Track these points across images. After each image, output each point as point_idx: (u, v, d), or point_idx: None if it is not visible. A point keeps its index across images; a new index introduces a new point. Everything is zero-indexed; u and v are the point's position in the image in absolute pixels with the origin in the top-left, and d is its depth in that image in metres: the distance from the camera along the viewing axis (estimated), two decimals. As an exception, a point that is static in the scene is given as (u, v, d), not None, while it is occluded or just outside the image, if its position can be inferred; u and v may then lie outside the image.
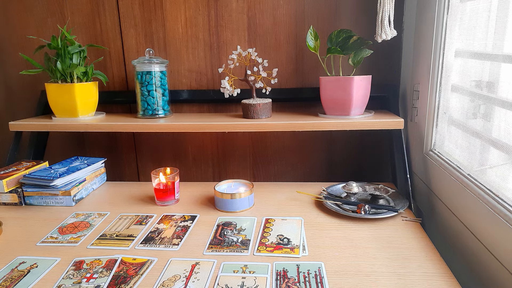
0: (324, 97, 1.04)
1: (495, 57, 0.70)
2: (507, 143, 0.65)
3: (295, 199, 1.01)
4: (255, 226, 0.86)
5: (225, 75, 1.19)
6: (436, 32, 0.89)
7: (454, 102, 0.88)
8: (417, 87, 1.02)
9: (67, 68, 1.08)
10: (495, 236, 0.64)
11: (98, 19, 1.22)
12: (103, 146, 1.34)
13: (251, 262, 0.71)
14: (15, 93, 1.34)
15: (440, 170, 0.87)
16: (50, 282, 0.66)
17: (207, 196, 1.05)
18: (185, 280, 0.66)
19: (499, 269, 0.62)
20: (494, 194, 0.66)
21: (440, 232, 0.88)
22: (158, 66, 1.10)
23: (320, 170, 1.28)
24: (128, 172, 1.37)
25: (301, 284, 0.64)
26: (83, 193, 1.06)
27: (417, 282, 0.64)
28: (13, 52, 1.28)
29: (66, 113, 1.13)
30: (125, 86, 1.27)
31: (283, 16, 1.16)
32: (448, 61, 0.88)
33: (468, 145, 0.80)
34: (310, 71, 1.19)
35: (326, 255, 0.73)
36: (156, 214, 0.94)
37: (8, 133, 1.20)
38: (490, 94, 0.72)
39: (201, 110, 1.28)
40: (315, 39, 1.02)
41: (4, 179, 0.98)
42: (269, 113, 1.08)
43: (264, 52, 1.19)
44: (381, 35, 0.96)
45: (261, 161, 1.30)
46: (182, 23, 1.19)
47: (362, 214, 0.87)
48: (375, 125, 0.99)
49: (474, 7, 0.80)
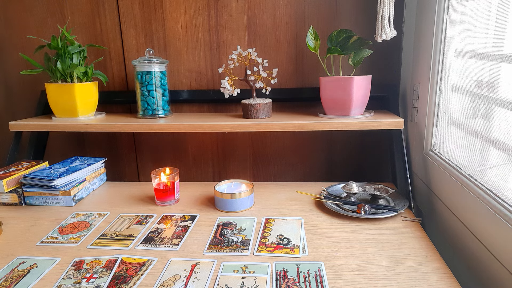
0: (324, 97, 1.05)
1: (495, 57, 0.70)
2: (507, 143, 0.65)
3: (295, 199, 1.01)
4: (255, 226, 0.86)
5: (225, 75, 1.19)
6: (436, 32, 0.89)
7: (454, 102, 0.88)
8: (417, 87, 1.02)
9: (67, 68, 1.08)
10: (495, 236, 0.64)
11: (98, 19, 1.22)
12: (103, 146, 1.34)
13: (251, 262, 0.71)
14: (15, 93, 1.34)
15: (440, 170, 0.87)
16: (50, 282, 0.66)
17: (207, 196, 1.05)
18: (185, 280, 0.66)
19: (499, 269, 0.62)
20: (494, 194, 0.66)
21: (440, 232, 0.88)
22: (158, 66, 1.10)
23: (320, 170, 1.28)
24: (128, 172, 1.37)
25: (301, 284, 0.64)
26: (83, 193, 1.06)
27: (417, 282, 0.64)
28: (13, 52, 1.28)
29: (66, 113, 1.13)
30: (125, 86, 1.27)
31: (283, 16, 1.16)
32: (448, 61, 0.88)
33: (468, 145, 0.80)
34: (310, 71, 1.19)
35: (326, 255, 0.73)
36: (156, 214, 0.94)
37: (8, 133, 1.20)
38: (490, 94, 0.72)
39: (201, 110, 1.28)
40: (315, 39, 1.02)
41: (4, 179, 0.98)
42: (269, 113, 1.08)
43: (264, 52, 1.19)
44: (381, 35, 0.96)
45: (261, 161, 1.30)
46: (182, 23, 1.20)
47: (362, 214, 0.87)
48: (375, 125, 0.99)
49: (474, 7, 0.80)
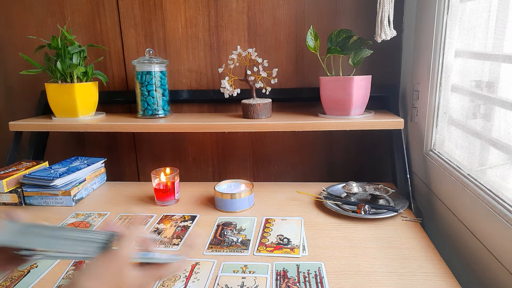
0: (324, 97, 1.05)
1: (495, 57, 0.70)
2: (507, 143, 0.65)
3: (295, 199, 1.01)
4: (255, 226, 0.86)
5: (225, 75, 1.19)
6: (436, 32, 0.89)
7: (454, 102, 0.88)
8: (417, 87, 1.02)
9: (67, 68, 1.08)
10: (495, 236, 0.64)
11: (98, 19, 1.22)
12: (103, 146, 1.34)
13: (251, 262, 0.71)
14: (15, 93, 1.34)
15: (440, 170, 0.87)
16: (50, 282, 0.66)
17: (207, 196, 1.05)
18: (185, 280, 0.66)
19: (499, 269, 0.62)
20: (494, 194, 0.66)
21: (440, 232, 0.88)
22: (158, 66, 1.10)
23: (320, 170, 1.28)
24: (128, 172, 1.37)
25: (301, 284, 0.64)
26: (83, 193, 1.06)
27: (417, 282, 0.64)
28: (13, 52, 1.28)
29: (66, 113, 1.13)
30: (125, 86, 1.27)
31: (283, 16, 1.16)
32: (448, 61, 0.88)
33: (468, 145, 0.80)
34: (310, 71, 1.19)
35: (326, 255, 0.73)
36: (156, 214, 0.94)
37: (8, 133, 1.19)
38: (490, 94, 0.72)
39: (201, 110, 1.28)
40: (315, 39, 1.02)
41: (4, 179, 0.98)
42: (269, 113, 1.08)
43: (264, 52, 1.19)
44: (381, 35, 0.96)
45: (261, 161, 1.30)
46: (182, 23, 1.19)
47: (362, 214, 0.87)
48: (375, 125, 0.99)
49: (474, 7, 0.80)
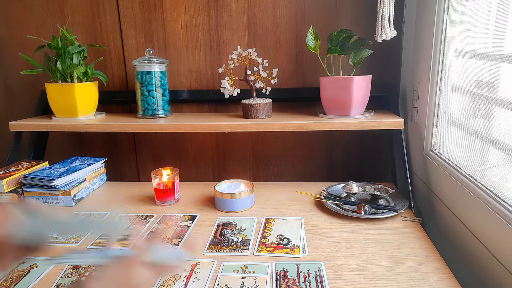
0: (324, 97, 1.05)
1: (495, 57, 0.70)
2: (507, 143, 0.65)
3: (295, 199, 1.01)
4: (255, 226, 0.86)
5: (225, 75, 1.19)
6: (436, 32, 0.89)
7: (454, 102, 0.88)
8: (417, 87, 1.02)
9: (67, 68, 1.08)
10: (495, 236, 0.64)
11: (98, 19, 1.22)
12: (103, 146, 1.34)
13: (251, 262, 0.71)
14: (15, 93, 1.34)
15: (440, 170, 0.87)
16: (50, 282, 0.66)
17: (207, 196, 1.05)
18: (185, 280, 0.66)
19: (499, 269, 0.62)
20: (494, 194, 0.66)
21: (440, 232, 0.88)
22: (158, 66, 1.10)
23: (320, 170, 1.28)
24: (128, 172, 1.36)
25: (301, 284, 0.64)
26: (83, 193, 1.06)
27: (417, 282, 0.64)
28: (13, 52, 1.28)
29: (66, 113, 1.13)
30: (125, 86, 1.27)
31: (283, 16, 1.16)
32: (448, 61, 0.88)
33: (468, 145, 0.80)
34: (310, 71, 1.19)
35: (326, 255, 0.73)
36: (156, 214, 0.94)
37: (8, 133, 1.19)
38: (490, 94, 0.72)
39: (201, 110, 1.28)
40: (315, 39, 1.02)
41: (4, 179, 0.98)
42: (269, 113, 1.08)
43: (264, 52, 1.19)
44: (381, 35, 0.96)
45: (261, 161, 1.30)
46: (182, 23, 1.19)
47: (362, 214, 0.87)
48: (375, 125, 0.99)
49: (474, 7, 0.80)
